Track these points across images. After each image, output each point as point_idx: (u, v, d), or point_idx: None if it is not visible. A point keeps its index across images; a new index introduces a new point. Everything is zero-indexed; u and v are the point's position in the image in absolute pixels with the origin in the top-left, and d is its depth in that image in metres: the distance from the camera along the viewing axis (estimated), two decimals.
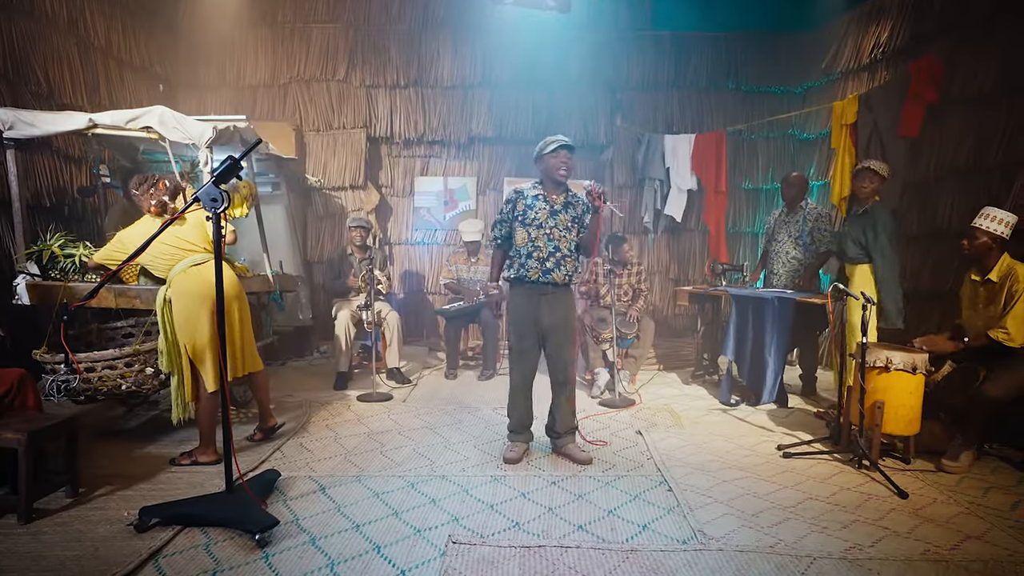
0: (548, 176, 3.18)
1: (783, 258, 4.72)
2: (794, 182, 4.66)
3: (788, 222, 4.71)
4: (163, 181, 3.15)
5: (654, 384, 5.15)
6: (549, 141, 3.14)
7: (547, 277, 3.17)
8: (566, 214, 3.20)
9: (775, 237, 4.79)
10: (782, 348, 4.25)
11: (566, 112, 6.52)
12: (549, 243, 3.16)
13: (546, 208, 3.19)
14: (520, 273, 3.20)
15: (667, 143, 6.07)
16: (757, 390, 4.36)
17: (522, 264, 3.20)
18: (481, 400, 4.57)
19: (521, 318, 3.23)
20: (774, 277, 4.81)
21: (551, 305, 3.20)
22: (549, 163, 3.14)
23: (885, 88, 4.45)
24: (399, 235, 6.89)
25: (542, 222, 3.17)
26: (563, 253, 3.18)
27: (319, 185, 6.26)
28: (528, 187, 3.29)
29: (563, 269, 3.18)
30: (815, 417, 4.11)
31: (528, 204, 3.21)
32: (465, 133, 6.59)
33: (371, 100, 6.56)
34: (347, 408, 4.32)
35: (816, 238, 4.54)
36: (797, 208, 4.64)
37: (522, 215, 3.21)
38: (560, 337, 3.22)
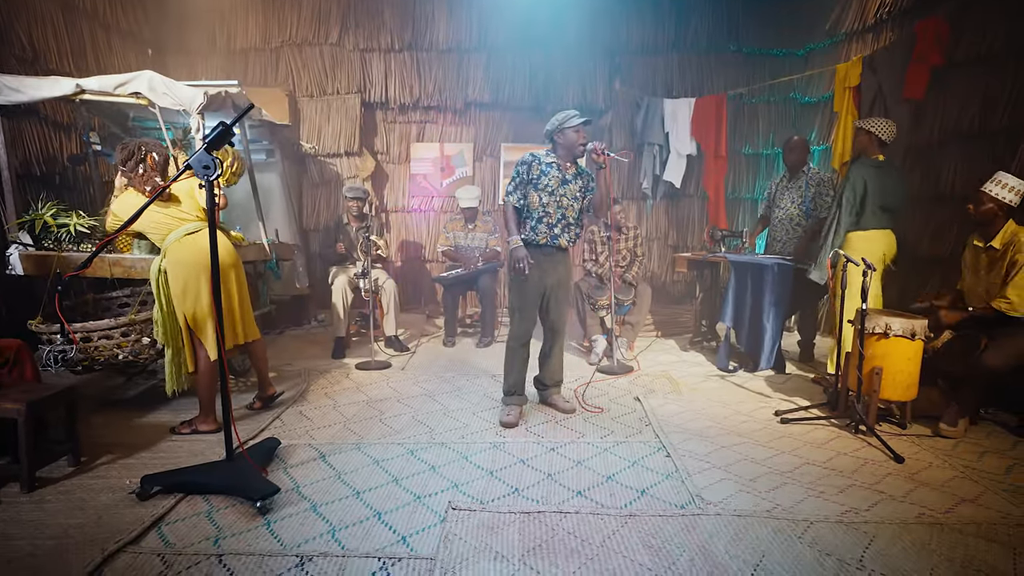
0: (568, 149, 3.27)
1: (786, 224, 4.67)
2: (796, 146, 4.58)
3: (790, 188, 4.65)
4: (151, 156, 3.05)
5: (652, 351, 5.16)
6: (572, 115, 3.24)
7: (554, 242, 3.28)
8: (576, 184, 3.32)
9: (777, 203, 4.74)
10: (780, 315, 4.26)
11: (564, 76, 6.40)
12: (558, 210, 3.27)
13: (559, 176, 3.28)
14: (529, 236, 3.29)
15: (666, 107, 5.97)
16: (755, 356, 4.37)
17: (533, 228, 3.29)
18: (480, 367, 4.58)
19: (526, 279, 3.26)
20: (776, 243, 4.76)
21: (554, 266, 3.35)
22: (571, 137, 3.24)
23: (890, 50, 4.34)
24: (395, 202, 6.82)
25: (554, 189, 3.26)
26: (568, 220, 3.31)
27: (313, 152, 6.16)
28: (543, 153, 3.36)
29: (568, 235, 3.32)
30: (812, 383, 4.13)
31: (543, 170, 3.29)
32: (461, 98, 6.48)
33: (365, 64, 6.42)
34: (346, 376, 4.32)
35: (819, 204, 4.48)
36: (799, 173, 4.58)
37: (536, 179, 3.28)
38: (560, 294, 3.40)
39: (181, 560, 1.94)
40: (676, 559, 1.95)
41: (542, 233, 3.26)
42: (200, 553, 1.98)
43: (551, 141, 3.31)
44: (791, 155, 4.60)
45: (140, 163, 3.04)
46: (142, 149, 3.05)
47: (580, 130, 3.22)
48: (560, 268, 3.37)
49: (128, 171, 3.05)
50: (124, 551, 1.98)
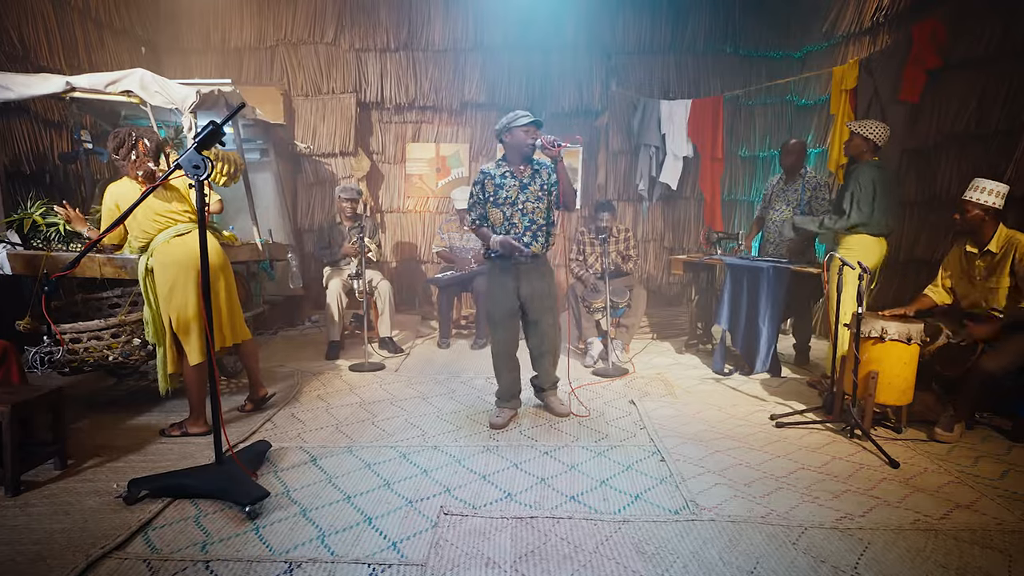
0: (516, 150, 3.19)
1: (780, 227, 4.65)
2: (793, 149, 4.57)
3: (787, 190, 4.65)
4: (142, 142, 2.98)
5: (648, 353, 5.14)
6: (520, 115, 3.15)
7: (526, 248, 3.19)
8: (535, 184, 3.22)
9: (773, 205, 4.74)
10: (776, 318, 4.24)
11: (560, 77, 6.38)
12: (524, 218, 3.20)
13: (515, 184, 3.20)
14: (501, 250, 3.20)
15: (663, 109, 5.95)
16: (750, 359, 4.35)
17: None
18: (474, 369, 4.55)
19: (498, 290, 3.26)
20: (770, 246, 4.76)
21: (528, 275, 3.26)
22: (519, 137, 3.15)
23: (886, 53, 4.34)
24: (390, 203, 6.79)
25: (514, 199, 3.19)
26: (539, 224, 3.23)
27: (308, 152, 6.13)
28: (492, 166, 3.30)
29: (540, 240, 3.25)
30: (808, 386, 4.11)
31: (497, 184, 3.22)
32: (457, 98, 6.45)
33: (361, 64, 6.38)
34: (339, 378, 4.30)
35: (815, 207, 4.48)
36: (796, 176, 4.58)
37: (493, 196, 3.22)
38: (540, 305, 3.29)
39: (167, 566, 1.91)
40: (670, 566, 1.93)
41: None
42: (187, 559, 1.95)
43: (500, 142, 3.25)
44: (788, 158, 4.59)
45: (132, 149, 2.98)
46: (132, 135, 2.98)
47: (529, 130, 3.12)
48: (534, 277, 3.26)
49: (121, 159, 3.00)
50: (109, 557, 1.95)
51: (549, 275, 3.36)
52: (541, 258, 3.26)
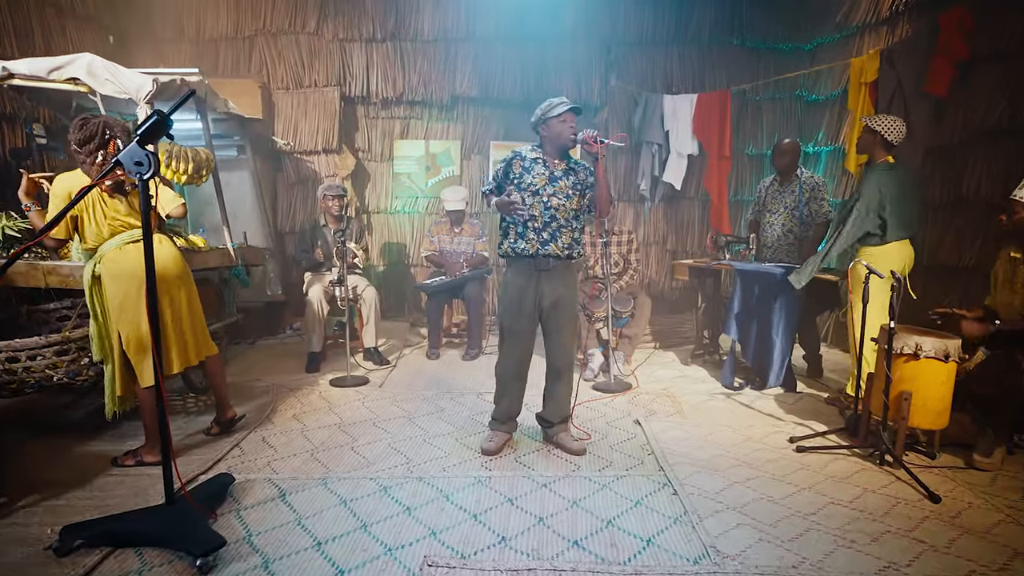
0: (555, 142, 2.92)
1: (777, 231, 4.46)
2: (787, 149, 4.36)
3: (782, 192, 4.44)
4: (115, 142, 2.59)
5: (651, 365, 4.88)
6: (555, 103, 2.88)
7: (545, 248, 2.91)
8: (567, 180, 2.94)
9: (767, 208, 4.53)
10: (790, 328, 4.00)
11: (557, 70, 6.12)
12: (546, 212, 2.90)
13: (545, 173, 2.92)
14: (515, 245, 2.93)
15: (666, 104, 5.70)
16: (763, 373, 4.11)
17: (519, 234, 2.93)
18: (465, 383, 4.28)
19: (517, 295, 2.96)
20: (766, 250, 4.55)
21: (551, 281, 2.95)
22: (556, 128, 2.88)
23: (910, 42, 4.08)
24: (377, 203, 6.52)
25: (539, 188, 2.90)
26: (560, 223, 2.92)
27: (288, 148, 5.84)
28: (527, 149, 3.02)
29: (561, 240, 2.92)
30: (826, 403, 3.86)
31: (526, 167, 2.94)
32: (448, 92, 6.18)
33: (345, 55, 6.10)
34: (318, 394, 4.01)
35: (814, 209, 4.28)
36: (791, 177, 4.37)
37: (518, 178, 2.94)
38: (561, 317, 2.99)
39: None
40: None
41: (530, 241, 2.90)
42: None
43: (537, 135, 2.99)
44: (782, 158, 4.38)
45: (101, 148, 2.57)
46: (106, 132, 2.58)
47: (567, 118, 2.86)
48: (558, 283, 2.95)
49: (84, 155, 2.58)
50: None
51: (573, 284, 3.06)
52: (564, 261, 2.95)
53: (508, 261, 3.01)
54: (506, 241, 2.97)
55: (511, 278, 2.99)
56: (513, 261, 2.98)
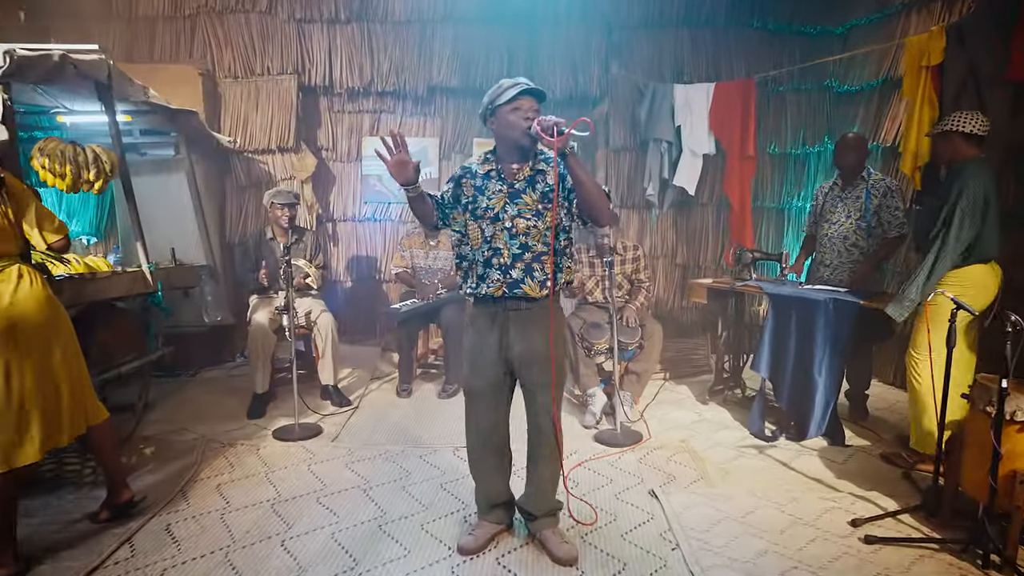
0: (508, 140, 2.18)
1: (838, 245, 3.84)
2: (853, 144, 3.75)
3: (845, 198, 3.82)
4: None
5: (662, 404, 4.25)
6: (505, 86, 2.15)
7: (515, 291, 2.20)
8: (532, 193, 2.20)
9: (827, 217, 3.91)
10: (837, 368, 3.40)
11: (550, 56, 5.50)
12: (512, 241, 2.19)
13: (501, 190, 2.21)
14: (477, 289, 2.26)
15: (678, 95, 5.06)
16: (801, 420, 3.50)
17: (480, 276, 2.25)
18: (440, 432, 3.65)
19: (477, 343, 2.29)
20: (824, 269, 3.94)
21: (523, 326, 2.24)
22: (507, 120, 2.13)
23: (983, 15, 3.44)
24: (344, 209, 5.86)
25: (497, 212, 2.20)
26: (536, 251, 2.20)
27: (234, 146, 5.15)
28: (476, 161, 2.32)
29: (538, 275, 2.20)
30: (883, 461, 3.22)
31: (478, 186, 2.25)
32: (424, 82, 5.54)
33: (303, 38, 5.44)
34: (256, 452, 3.34)
35: (884, 219, 3.67)
36: (857, 179, 3.75)
37: (472, 203, 2.25)
38: (536, 372, 2.25)
39: None
40: None
41: (495, 282, 2.21)
42: None
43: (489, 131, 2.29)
44: (848, 155, 3.75)
45: None
46: None
47: (521, 104, 2.10)
48: (531, 328, 2.23)
49: None
50: None
51: (561, 325, 2.33)
52: (539, 303, 2.25)
53: (473, 302, 2.34)
54: (466, 284, 2.31)
55: (471, 320, 2.33)
56: (476, 303, 2.31)
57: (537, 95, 2.14)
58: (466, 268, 2.30)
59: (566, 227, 2.26)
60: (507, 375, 2.29)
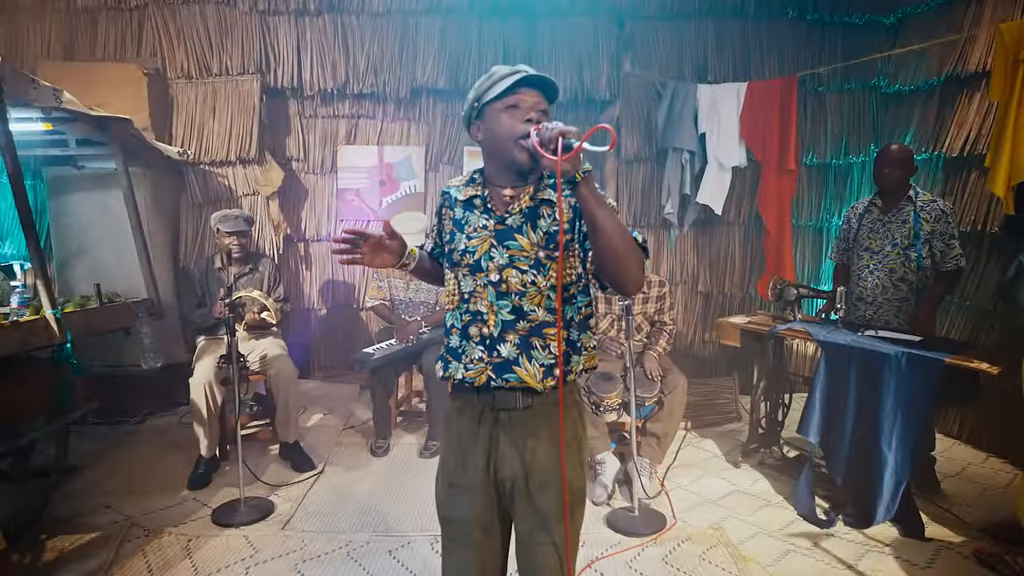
0: (496, 153, 1.56)
1: (883, 280, 3.34)
2: (899, 158, 3.23)
3: (887, 222, 3.32)
4: None
5: (685, 464, 3.69)
6: (496, 76, 1.53)
7: (504, 377, 1.54)
8: (534, 231, 1.55)
9: (866, 245, 3.41)
10: (911, 439, 2.77)
11: (552, 52, 4.94)
12: (502, 303, 1.54)
13: (486, 225, 1.57)
14: (451, 369, 1.61)
15: (702, 96, 4.46)
16: (863, 500, 2.90)
17: (455, 351, 1.62)
18: (418, 511, 3.11)
19: (458, 459, 1.63)
20: (865, 307, 3.43)
21: (519, 434, 1.57)
22: (496, 123, 1.52)
23: None
24: (317, 228, 5.28)
25: (480, 259, 1.56)
26: (537, 320, 1.54)
27: (186, 158, 4.55)
28: (458, 183, 1.70)
29: (539, 356, 1.54)
30: (977, 563, 2.59)
31: (456, 219, 1.64)
32: (407, 83, 4.96)
33: (268, 33, 4.85)
34: (184, 545, 2.75)
35: (936, 249, 3.20)
36: (901, 199, 3.27)
37: (450, 242, 1.64)
38: (543, 502, 1.56)
39: None
40: None
41: (475, 361, 1.56)
42: None
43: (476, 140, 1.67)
44: (893, 171, 3.24)
45: None
46: None
47: (520, 99, 1.49)
48: (531, 444, 1.56)
49: None
50: None
51: (573, 433, 1.61)
52: (544, 397, 1.56)
53: (450, 388, 1.70)
54: (438, 362, 1.68)
55: (448, 419, 1.70)
56: (454, 391, 1.68)
57: (545, 88, 1.53)
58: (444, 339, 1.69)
59: (583, 285, 1.64)
60: (501, 506, 1.63)
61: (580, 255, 1.58)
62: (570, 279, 1.57)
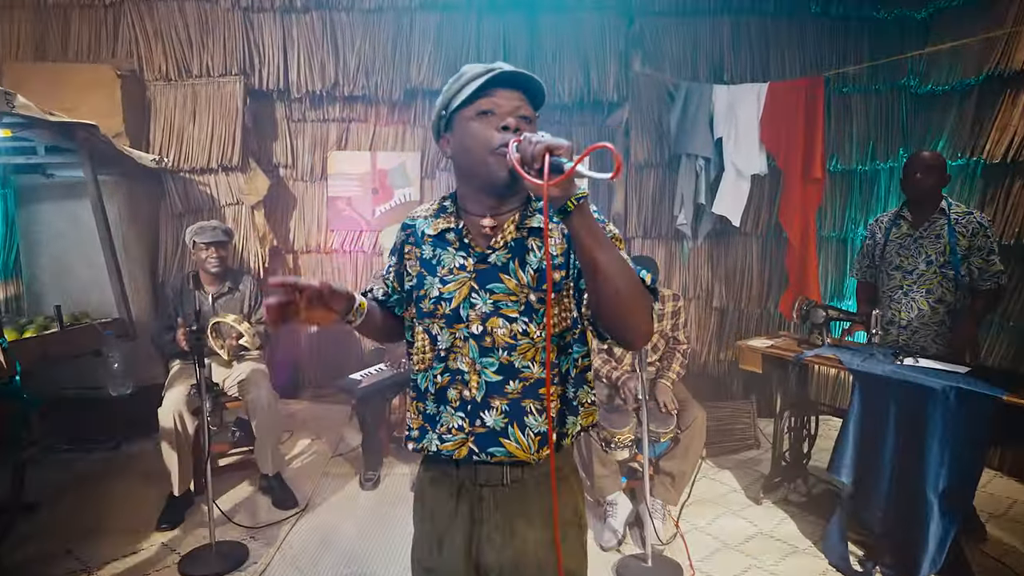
0: (469, 173, 1.30)
1: (918, 301, 3.11)
2: (931, 164, 3.01)
3: (920, 237, 3.10)
4: None
5: (701, 500, 3.45)
6: (468, 75, 1.27)
7: (491, 451, 1.28)
8: (523, 270, 1.28)
9: (895, 262, 3.18)
10: (962, 485, 2.48)
11: (556, 50, 4.73)
12: (486, 360, 1.28)
13: (465, 265, 1.31)
14: (425, 441, 1.34)
15: (718, 98, 4.21)
16: (905, 551, 2.60)
17: (429, 417, 1.35)
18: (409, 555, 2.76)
19: (432, 540, 1.37)
20: (898, 331, 3.19)
21: (506, 514, 1.32)
22: (467, 134, 1.26)
23: None
24: (307, 239, 5.07)
25: (458, 307, 1.29)
26: (531, 379, 1.28)
27: (161, 166, 4.31)
28: (425, 212, 1.42)
29: (533, 422, 1.28)
30: None
31: (425, 258, 1.37)
32: (401, 84, 4.75)
33: (252, 32, 4.64)
34: None
35: (974, 266, 2.98)
36: (933, 211, 3.05)
37: (416, 286, 1.37)
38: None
39: None
40: None
41: (451, 428, 1.30)
42: None
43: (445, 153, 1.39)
44: (925, 180, 3.02)
45: None
46: None
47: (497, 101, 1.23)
48: (521, 528, 1.31)
49: None
50: None
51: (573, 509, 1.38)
52: (535, 470, 1.32)
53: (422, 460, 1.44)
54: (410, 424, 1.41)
55: (420, 494, 1.43)
56: (426, 463, 1.42)
57: (527, 89, 1.27)
58: (410, 402, 1.41)
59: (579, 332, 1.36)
60: None
61: (576, 296, 1.31)
62: (564, 325, 1.30)
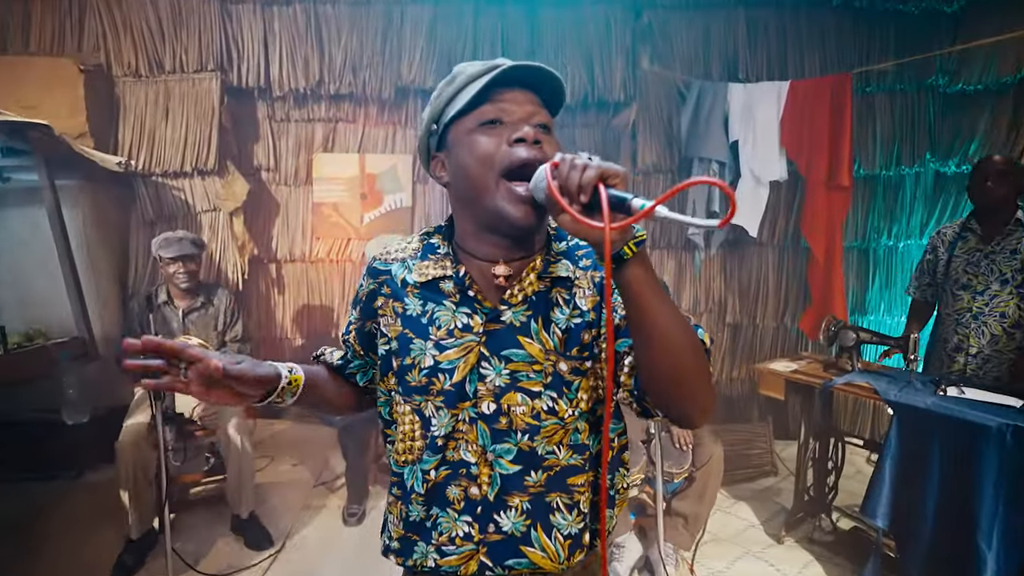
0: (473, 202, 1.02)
1: (991, 326, 2.81)
2: (1005, 170, 2.74)
3: (992, 253, 2.81)
4: None
5: (717, 539, 3.22)
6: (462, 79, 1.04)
7: (508, 562, 1.00)
8: (548, 332, 1.02)
9: (964, 282, 2.89)
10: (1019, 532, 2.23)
11: (557, 46, 4.49)
12: (501, 446, 1.01)
13: (470, 324, 1.03)
14: (416, 555, 1.06)
15: (734, 98, 3.97)
16: None
17: (416, 524, 1.06)
18: None
19: None
20: (966, 359, 2.88)
21: None
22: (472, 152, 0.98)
23: None
24: (291, 247, 4.78)
25: (463, 381, 1.01)
26: (558, 467, 1.02)
27: (127, 170, 4.04)
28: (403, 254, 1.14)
29: (562, 520, 1.01)
30: None
31: (411, 316, 1.07)
32: (391, 81, 4.49)
33: (230, 24, 4.37)
34: None
35: None
36: (1008, 225, 2.78)
37: (399, 353, 1.07)
38: None
39: None
40: None
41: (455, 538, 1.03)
42: None
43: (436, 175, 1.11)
44: (997, 187, 2.75)
45: None
46: None
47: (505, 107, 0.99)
48: None
49: None
50: None
51: None
52: None
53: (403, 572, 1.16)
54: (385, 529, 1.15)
55: None
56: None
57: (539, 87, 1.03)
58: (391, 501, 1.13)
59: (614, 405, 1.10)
60: None
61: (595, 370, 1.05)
62: (597, 397, 1.03)
